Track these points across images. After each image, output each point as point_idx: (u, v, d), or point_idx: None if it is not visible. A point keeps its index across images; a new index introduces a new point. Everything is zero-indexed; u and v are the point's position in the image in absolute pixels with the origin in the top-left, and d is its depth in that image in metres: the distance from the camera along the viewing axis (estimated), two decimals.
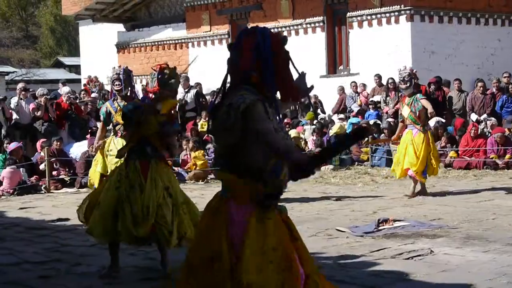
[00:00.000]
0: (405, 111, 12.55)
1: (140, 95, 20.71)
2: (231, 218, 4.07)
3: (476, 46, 21.75)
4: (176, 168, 16.58)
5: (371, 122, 19.08)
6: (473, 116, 18.65)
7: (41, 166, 15.56)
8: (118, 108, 10.11)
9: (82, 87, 24.56)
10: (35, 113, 18.11)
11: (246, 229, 4.02)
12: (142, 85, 23.75)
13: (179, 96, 20.89)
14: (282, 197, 4.15)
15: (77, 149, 16.81)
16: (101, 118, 10.34)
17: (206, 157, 16.92)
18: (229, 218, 4.08)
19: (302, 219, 10.37)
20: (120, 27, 29.98)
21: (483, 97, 18.92)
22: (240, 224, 4.04)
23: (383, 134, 18.35)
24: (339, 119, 19.99)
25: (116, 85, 10.31)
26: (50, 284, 7.16)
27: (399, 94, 19.71)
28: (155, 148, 7.22)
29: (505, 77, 19.60)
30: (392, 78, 20.09)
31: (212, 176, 16.45)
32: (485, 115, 18.52)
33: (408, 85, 12.48)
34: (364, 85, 20.92)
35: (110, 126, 10.39)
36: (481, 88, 18.99)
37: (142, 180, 7.03)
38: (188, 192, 13.56)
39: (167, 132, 7.22)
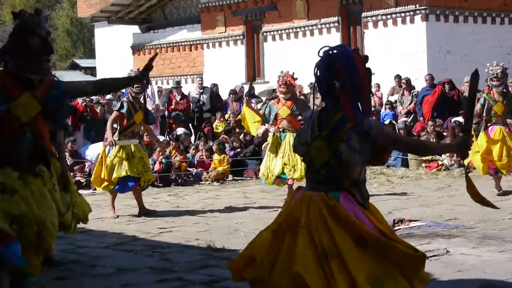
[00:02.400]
0: (499, 108, 12.29)
1: (156, 97, 20.80)
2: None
3: (492, 46, 21.65)
4: (191, 169, 16.63)
5: (387, 122, 19.05)
6: None
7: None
8: (138, 107, 10.64)
9: None
10: None
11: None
12: (159, 87, 23.81)
13: (194, 96, 20.97)
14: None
15: (93, 151, 16.84)
16: (124, 108, 10.73)
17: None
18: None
19: None
20: (135, 28, 30.06)
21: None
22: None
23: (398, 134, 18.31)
24: None
25: (135, 87, 10.62)
26: (66, 285, 7.20)
27: (413, 94, 19.68)
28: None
29: None
30: (407, 78, 20.05)
31: (230, 178, 16.49)
32: None
33: (501, 82, 12.32)
34: (378, 85, 20.87)
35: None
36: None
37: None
38: (203, 193, 13.66)
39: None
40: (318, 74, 4.57)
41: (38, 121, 5.55)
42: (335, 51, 4.57)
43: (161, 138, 16.84)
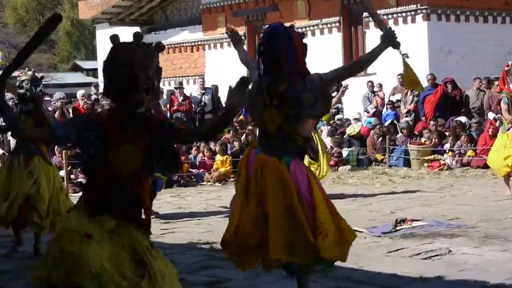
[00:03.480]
0: None
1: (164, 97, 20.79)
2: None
3: (493, 45, 21.65)
4: (193, 170, 16.64)
5: (388, 122, 19.06)
6: (491, 115, 18.56)
7: (61, 172, 15.61)
8: None
9: (101, 90, 24.58)
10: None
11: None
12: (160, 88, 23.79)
13: (196, 96, 20.98)
14: None
15: None
16: None
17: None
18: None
19: None
20: (136, 30, 30.01)
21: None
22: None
23: (400, 134, 18.31)
24: (354, 119, 19.93)
25: None
26: None
27: (414, 93, 19.67)
28: (38, 147, 8.26)
29: None
30: None
31: (232, 178, 16.49)
32: None
33: None
34: (381, 85, 20.86)
35: None
36: (498, 87, 18.85)
37: (22, 172, 8.13)
38: (205, 194, 13.66)
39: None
40: (262, 49, 5.26)
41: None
42: (276, 29, 5.24)
43: None
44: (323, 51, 22.70)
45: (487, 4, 21.70)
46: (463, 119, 18.41)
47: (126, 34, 25.35)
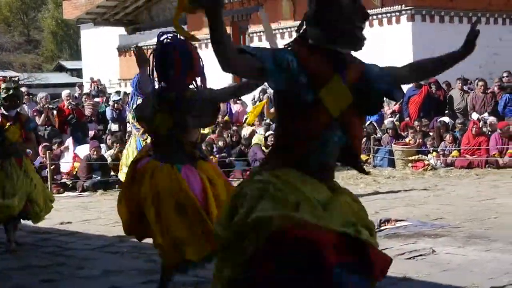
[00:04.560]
0: None
1: None
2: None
3: (477, 46, 21.63)
4: None
5: (367, 123, 19.08)
6: (474, 115, 18.65)
7: (44, 172, 15.57)
8: None
9: (85, 91, 24.55)
10: (38, 118, 18.18)
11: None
12: None
13: None
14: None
15: (79, 153, 16.82)
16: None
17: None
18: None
19: None
20: (121, 30, 30.03)
21: (484, 96, 18.91)
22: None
23: (385, 134, 18.36)
24: None
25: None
26: (54, 287, 7.18)
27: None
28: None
29: (506, 76, 19.58)
30: None
31: None
32: (486, 114, 18.51)
33: None
34: None
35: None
36: (482, 87, 18.97)
37: (19, 172, 8.79)
38: None
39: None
40: (156, 58, 5.53)
41: (350, 114, 3.70)
42: (168, 40, 5.53)
43: None
44: None
45: (472, 5, 21.79)
46: (446, 119, 18.49)
47: (111, 34, 25.42)
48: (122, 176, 11.77)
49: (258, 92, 21.79)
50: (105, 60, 30.41)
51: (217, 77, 6.59)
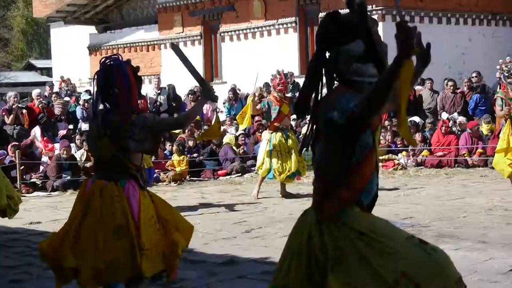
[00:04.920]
0: None
1: None
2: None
3: (447, 46, 21.88)
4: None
5: None
6: (444, 115, 18.78)
7: (14, 172, 15.45)
8: None
9: (55, 89, 24.38)
10: (6, 117, 18.06)
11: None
12: None
13: (152, 96, 20.89)
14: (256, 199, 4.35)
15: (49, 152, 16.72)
16: None
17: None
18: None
19: (276, 219, 10.39)
20: (92, 29, 29.86)
21: (454, 96, 19.04)
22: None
23: None
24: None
25: None
26: None
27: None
28: None
29: (475, 76, 19.73)
30: None
31: (188, 179, 16.48)
32: (455, 114, 18.64)
33: None
34: None
35: None
36: (451, 87, 19.11)
37: None
38: (161, 194, 13.57)
39: None
40: (98, 82, 5.53)
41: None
42: (112, 63, 5.51)
43: None
44: (279, 51, 22.79)
45: (441, 6, 21.92)
46: (416, 119, 18.59)
47: (81, 32, 25.20)
48: None
49: (228, 92, 21.79)
50: (76, 59, 30.22)
51: (189, 75, 6.51)
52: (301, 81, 15.51)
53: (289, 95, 13.11)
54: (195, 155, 17.42)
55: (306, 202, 12.05)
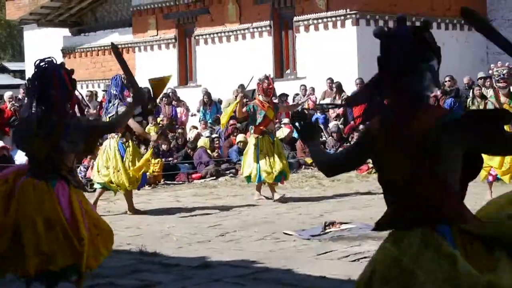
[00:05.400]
0: None
1: (86, 101, 20.58)
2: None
3: None
4: None
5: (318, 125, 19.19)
6: None
7: None
8: None
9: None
10: None
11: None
12: (88, 91, 23.50)
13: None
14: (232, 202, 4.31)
15: (22, 155, 16.58)
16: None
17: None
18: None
19: (250, 223, 10.39)
20: (65, 31, 29.71)
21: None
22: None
23: (330, 138, 18.47)
24: (284, 123, 20.03)
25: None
26: None
27: (343, 97, 19.87)
28: None
29: (448, 80, 19.87)
30: (338, 82, 20.25)
31: (162, 182, 16.42)
32: None
33: (508, 82, 11.49)
34: (313, 89, 21.02)
35: None
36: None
37: None
38: (135, 197, 13.58)
39: None
40: (32, 84, 5.71)
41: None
42: (47, 65, 5.72)
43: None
44: (254, 55, 22.81)
45: (414, 10, 22.04)
46: None
47: (55, 35, 25.10)
48: (98, 178, 11.87)
49: (232, 99, 21.74)
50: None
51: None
52: (275, 84, 15.48)
53: (276, 100, 13.16)
54: (169, 158, 17.39)
55: (280, 206, 12.07)
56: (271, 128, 13.04)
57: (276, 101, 13.24)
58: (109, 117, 11.70)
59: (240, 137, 18.17)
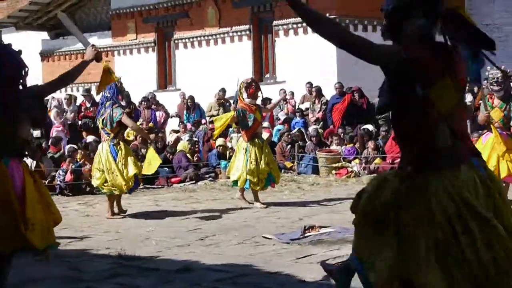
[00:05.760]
0: (496, 115, 11.42)
1: (65, 105, 20.51)
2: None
3: None
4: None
5: (296, 130, 19.22)
6: None
7: None
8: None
9: None
10: None
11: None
12: (67, 94, 23.40)
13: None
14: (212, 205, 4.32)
15: None
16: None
17: None
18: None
19: (229, 226, 10.39)
20: (44, 35, 29.61)
21: None
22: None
23: (309, 142, 18.50)
24: (264, 127, 20.02)
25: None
26: None
27: (322, 102, 19.93)
28: None
29: None
30: (317, 86, 20.29)
31: (141, 186, 16.36)
32: None
33: (501, 87, 11.46)
34: (292, 93, 21.06)
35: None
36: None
37: None
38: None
39: None
40: None
41: (458, 112, 4.11)
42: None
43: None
44: (233, 59, 22.84)
45: None
46: (370, 127, 18.73)
47: (33, 38, 24.92)
48: (94, 181, 11.96)
49: (214, 103, 21.72)
50: (28, 65, 29.84)
51: (142, 83, 6.52)
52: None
53: (259, 102, 13.15)
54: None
55: (260, 210, 12.09)
56: (260, 131, 13.08)
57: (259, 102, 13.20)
58: (102, 119, 11.74)
59: (219, 141, 18.15)
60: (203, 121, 21.23)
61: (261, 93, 13.18)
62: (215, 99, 21.52)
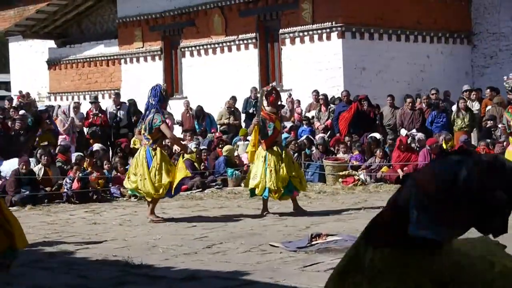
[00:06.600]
0: None
1: (72, 113, 20.54)
2: None
3: (406, 63, 22.13)
4: (110, 186, 16.45)
5: (304, 137, 19.24)
6: (403, 131, 18.96)
7: None
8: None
9: (14, 104, 24.15)
10: None
11: None
12: (75, 103, 23.45)
13: (112, 112, 20.82)
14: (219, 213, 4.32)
15: (7, 167, 16.54)
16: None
17: None
18: None
19: (236, 234, 10.39)
20: (51, 43, 29.67)
21: (412, 113, 19.25)
22: None
23: (316, 150, 18.50)
24: None
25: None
26: None
27: (330, 110, 19.94)
28: None
29: (433, 94, 19.99)
30: (324, 94, 20.30)
31: None
32: (414, 130, 18.83)
33: None
34: (299, 101, 21.06)
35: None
36: (410, 104, 19.32)
37: None
38: (121, 209, 13.58)
39: None
40: None
41: None
42: None
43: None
44: (239, 67, 22.86)
45: (400, 23, 22.17)
46: (377, 135, 18.72)
47: (40, 46, 25.06)
48: (128, 184, 12.16)
49: (224, 111, 21.74)
50: (35, 73, 30.02)
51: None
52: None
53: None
54: None
55: (266, 218, 12.08)
56: (280, 139, 13.01)
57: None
58: (143, 125, 11.94)
59: (226, 148, 18.19)
60: (212, 130, 21.18)
61: (281, 101, 13.18)
62: (225, 107, 21.54)
